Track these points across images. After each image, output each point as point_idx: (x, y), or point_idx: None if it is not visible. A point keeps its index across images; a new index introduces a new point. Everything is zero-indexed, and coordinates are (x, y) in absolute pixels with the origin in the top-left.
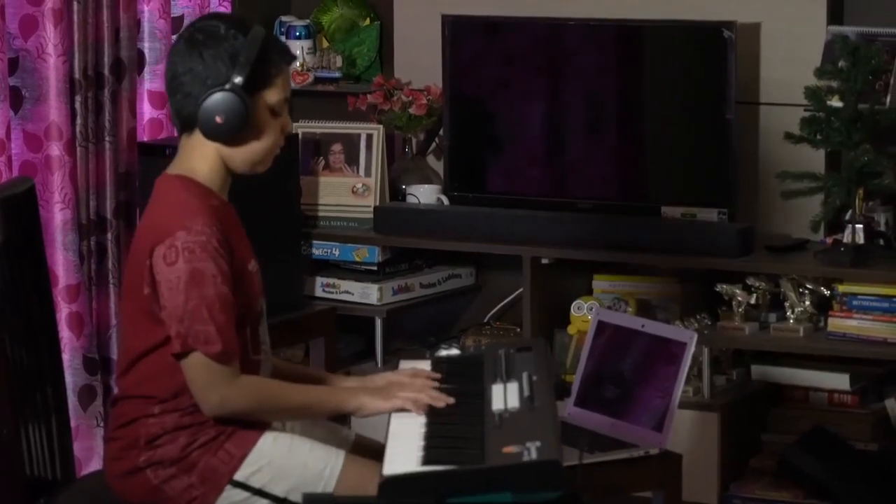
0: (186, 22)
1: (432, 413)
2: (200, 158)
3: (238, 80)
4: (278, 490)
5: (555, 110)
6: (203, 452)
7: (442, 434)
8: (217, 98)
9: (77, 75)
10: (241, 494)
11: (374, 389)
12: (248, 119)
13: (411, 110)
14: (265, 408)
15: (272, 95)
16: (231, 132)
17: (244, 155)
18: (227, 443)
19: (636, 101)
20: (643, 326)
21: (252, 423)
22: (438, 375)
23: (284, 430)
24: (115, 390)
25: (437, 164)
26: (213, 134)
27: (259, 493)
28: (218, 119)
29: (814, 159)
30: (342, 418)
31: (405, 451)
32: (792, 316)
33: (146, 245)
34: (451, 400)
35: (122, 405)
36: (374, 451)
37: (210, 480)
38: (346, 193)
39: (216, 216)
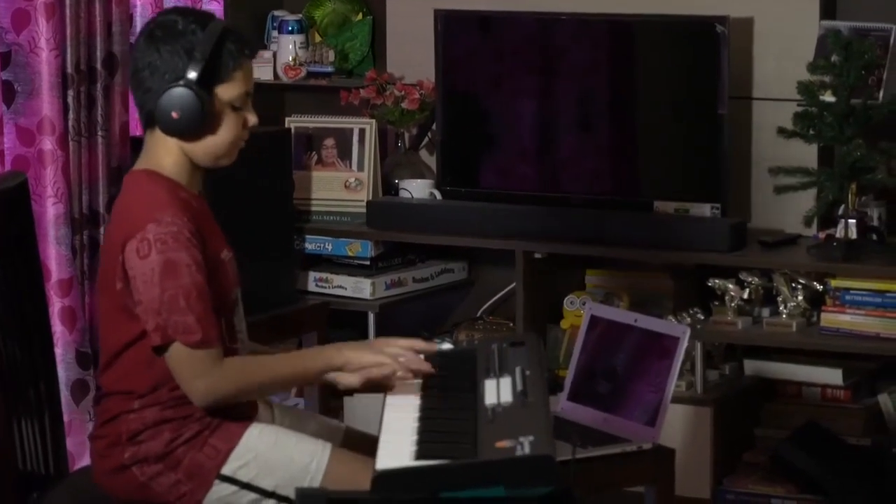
0: None
1: (425, 407)
2: (165, 153)
3: (192, 75)
4: (266, 484)
5: (547, 105)
6: (188, 448)
7: (435, 428)
8: (172, 93)
9: (69, 69)
10: (230, 489)
11: (360, 344)
12: (203, 114)
13: (404, 105)
14: (254, 386)
15: (230, 90)
16: (187, 127)
17: (203, 149)
18: (211, 437)
19: (629, 96)
20: (636, 321)
21: (236, 416)
22: (433, 347)
23: (270, 423)
24: (99, 388)
25: (429, 159)
26: (169, 129)
27: (247, 486)
28: (174, 114)
29: (806, 154)
30: (336, 411)
31: (398, 445)
32: (785, 311)
33: (117, 240)
34: (432, 370)
35: (104, 402)
36: (365, 444)
37: (197, 476)
38: (338, 188)
39: (185, 208)
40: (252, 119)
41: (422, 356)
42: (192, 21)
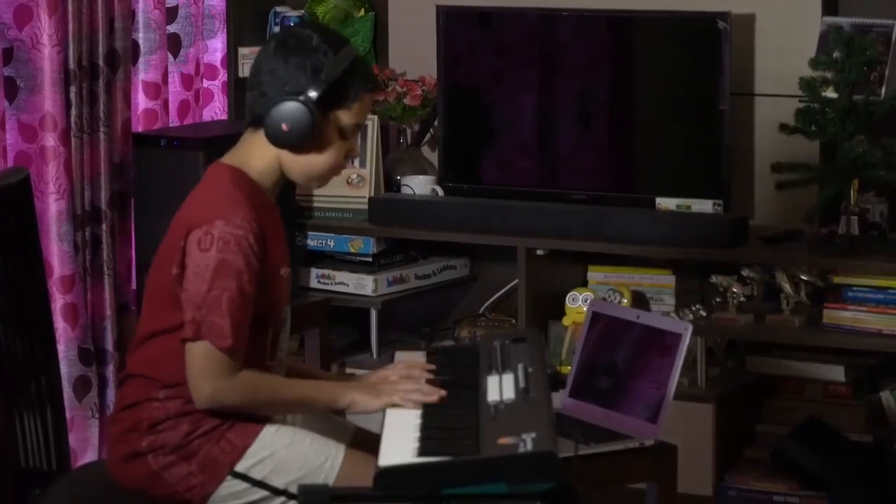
0: (181, 13)
1: (427, 404)
2: (259, 156)
3: (313, 94)
4: (278, 482)
5: (549, 101)
6: (205, 441)
7: (437, 425)
8: (288, 106)
9: (72, 65)
10: (241, 485)
11: (365, 386)
12: (312, 134)
13: (406, 101)
14: (256, 403)
15: (345, 117)
16: (293, 142)
17: (302, 166)
18: (229, 432)
19: (631, 92)
20: (638, 318)
21: (254, 415)
22: (433, 367)
23: (286, 422)
24: (126, 367)
25: (431, 155)
26: (275, 139)
27: (259, 484)
28: (284, 126)
29: (808, 150)
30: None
31: (400, 442)
32: (787, 307)
33: (183, 226)
34: (443, 392)
35: (127, 385)
36: (373, 444)
37: (210, 469)
38: (340, 184)
39: (258, 214)
40: (355, 151)
41: (429, 375)
42: (327, 41)
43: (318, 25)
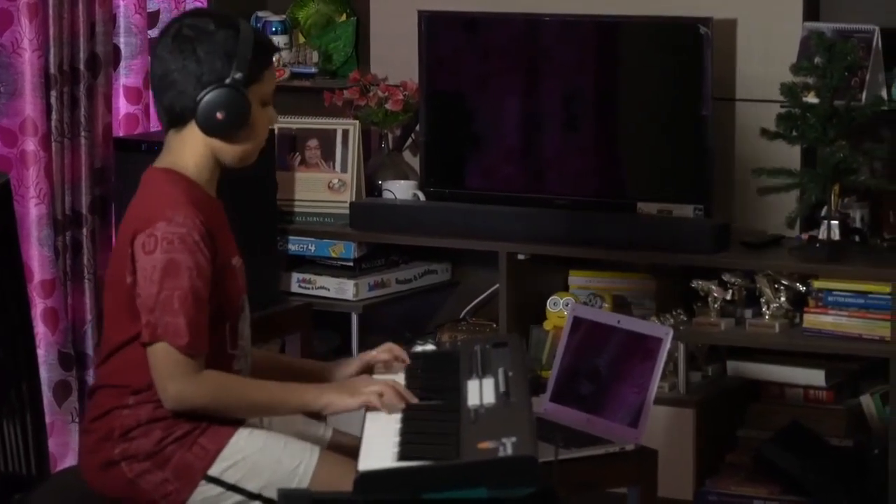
0: (162, 17)
1: (408, 408)
2: (190, 153)
3: (238, 76)
4: (252, 486)
5: (531, 106)
6: (177, 447)
7: (417, 430)
8: (218, 94)
9: (52, 70)
10: (215, 490)
11: (340, 386)
12: (248, 115)
13: (387, 106)
14: (224, 404)
15: (262, 89)
16: (231, 127)
17: (237, 149)
18: (201, 437)
19: (613, 97)
20: (619, 322)
21: (226, 419)
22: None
23: (260, 426)
24: (94, 380)
25: (413, 160)
26: (212, 129)
27: (233, 488)
28: (219, 115)
29: (790, 155)
30: (319, 414)
31: (380, 446)
32: (768, 312)
33: (128, 234)
34: (415, 399)
35: (98, 395)
36: (350, 448)
37: (184, 475)
38: (322, 189)
39: (200, 210)
40: (275, 117)
41: (403, 381)
42: (223, 23)
43: (203, 11)
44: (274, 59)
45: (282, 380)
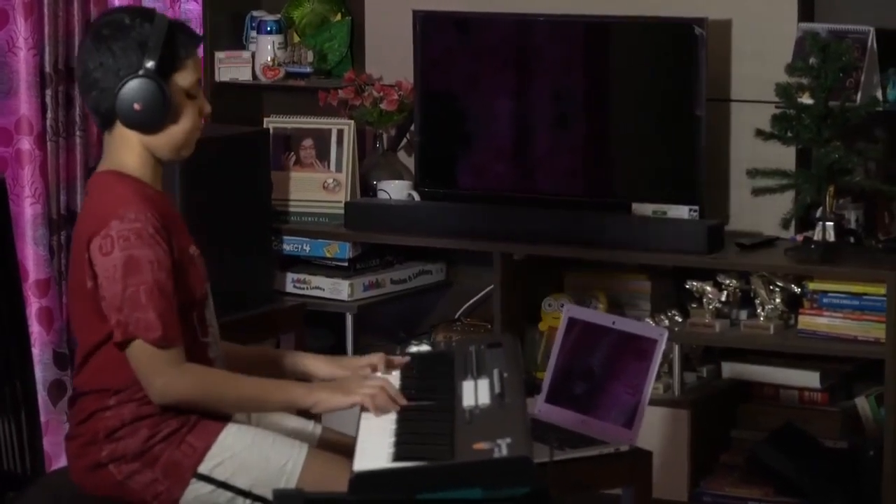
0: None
1: (403, 409)
2: (126, 152)
3: (150, 64)
4: (242, 483)
5: (526, 107)
6: (166, 446)
7: (412, 430)
8: (132, 85)
9: (48, 69)
10: (207, 487)
11: (332, 385)
12: (166, 103)
13: (382, 106)
14: (212, 396)
15: (185, 78)
16: (150, 118)
17: (166, 141)
18: (189, 435)
19: (607, 97)
20: (614, 323)
21: (214, 415)
22: (406, 359)
23: (248, 423)
24: (73, 389)
25: (407, 160)
26: (133, 122)
27: (223, 485)
28: (136, 106)
29: (784, 156)
30: (309, 413)
31: (375, 447)
32: (762, 313)
33: (83, 239)
34: (404, 401)
35: (79, 402)
36: (339, 446)
37: (174, 474)
38: (316, 189)
39: (151, 204)
40: (207, 107)
41: (396, 385)
42: (138, 16)
43: (122, 7)
44: (197, 48)
45: (261, 371)
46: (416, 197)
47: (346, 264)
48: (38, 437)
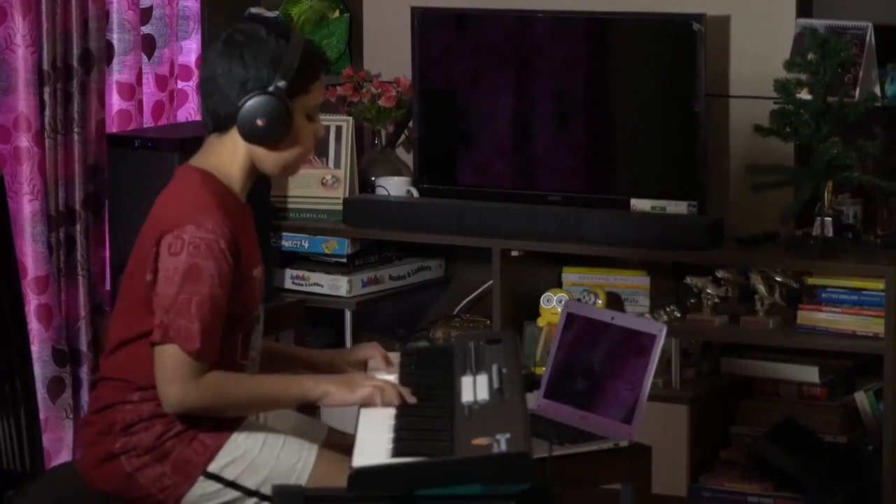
0: (155, 13)
1: (402, 405)
2: (229, 158)
3: (282, 84)
4: (250, 483)
5: (524, 103)
6: (177, 442)
7: (411, 426)
8: (259, 101)
9: (46, 66)
10: (214, 486)
11: (339, 379)
12: (289, 124)
13: (381, 102)
14: (225, 404)
15: (310, 101)
16: (271, 135)
17: (279, 159)
18: (201, 433)
19: (606, 93)
20: (613, 319)
21: (226, 417)
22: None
23: (258, 423)
24: (98, 371)
25: (406, 157)
26: (252, 136)
27: (231, 485)
28: (259, 122)
29: (783, 152)
30: (313, 411)
31: (374, 443)
32: (761, 308)
33: (155, 232)
34: (413, 399)
35: (101, 387)
36: (346, 446)
37: (183, 470)
38: (315, 185)
39: (230, 217)
40: (321, 131)
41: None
42: (275, 30)
43: (259, 16)
44: (325, 73)
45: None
46: (415, 193)
47: (344, 261)
48: (37, 435)
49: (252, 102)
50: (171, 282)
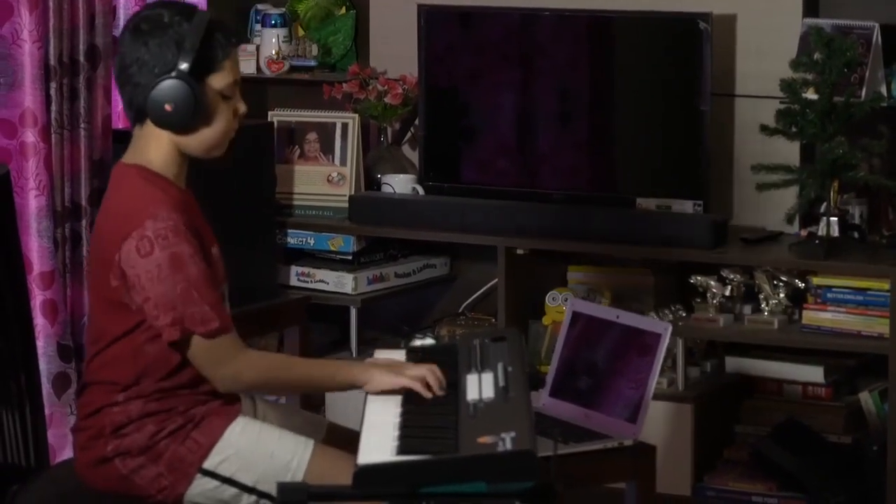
0: None
1: (407, 402)
2: (155, 148)
3: (184, 66)
4: (247, 479)
5: (530, 101)
6: (171, 441)
7: (416, 424)
8: (165, 86)
9: (52, 62)
10: (211, 483)
11: (384, 364)
12: (197, 105)
13: (387, 99)
14: (275, 380)
15: (220, 79)
16: (181, 119)
17: (198, 141)
18: (194, 431)
19: (611, 92)
20: (617, 317)
21: (220, 412)
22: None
23: (253, 419)
24: (82, 378)
25: (412, 154)
26: (163, 122)
27: (228, 481)
28: (167, 107)
29: (788, 151)
30: (316, 406)
31: (380, 440)
32: (766, 308)
33: (113, 236)
34: (443, 392)
35: (87, 393)
36: (347, 439)
37: (178, 469)
38: (321, 182)
39: (178, 204)
40: (242, 108)
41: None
42: (178, 13)
43: (164, 2)
44: (236, 48)
45: None
46: (420, 191)
47: (350, 258)
48: (42, 430)
49: (158, 88)
50: (160, 280)
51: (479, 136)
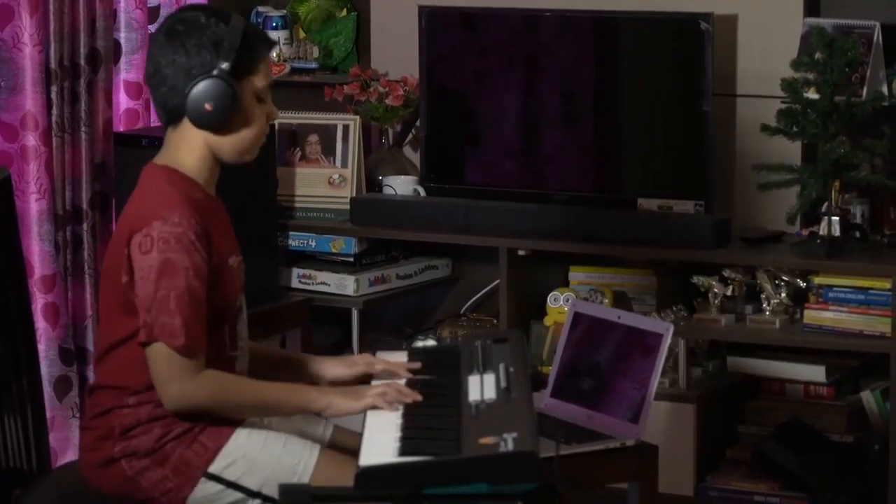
0: (163, 12)
1: (409, 404)
2: (187, 150)
3: (225, 66)
4: (251, 483)
5: (531, 102)
6: (177, 444)
7: (418, 425)
8: (205, 85)
9: (53, 65)
10: (215, 487)
11: (344, 390)
12: (237, 105)
13: (388, 101)
14: (226, 404)
15: (257, 81)
16: (221, 119)
17: (233, 143)
18: (201, 435)
19: (613, 92)
20: (619, 318)
21: (227, 417)
22: (417, 365)
23: (261, 424)
24: (93, 378)
25: (413, 156)
26: (202, 122)
27: (233, 486)
28: (207, 106)
29: (790, 151)
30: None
31: (381, 442)
32: (768, 308)
33: (124, 234)
34: (419, 397)
35: (97, 395)
36: (351, 446)
37: (184, 473)
38: (322, 184)
39: (197, 209)
40: (275, 112)
41: (405, 380)
42: (213, 15)
43: (196, 5)
44: (272, 53)
45: (272, 371)
46: (422, 192)
47: (351, 260)
48: (44, 434)
49: (198, 88)
50: (148, 280)
51: (480, 138)
